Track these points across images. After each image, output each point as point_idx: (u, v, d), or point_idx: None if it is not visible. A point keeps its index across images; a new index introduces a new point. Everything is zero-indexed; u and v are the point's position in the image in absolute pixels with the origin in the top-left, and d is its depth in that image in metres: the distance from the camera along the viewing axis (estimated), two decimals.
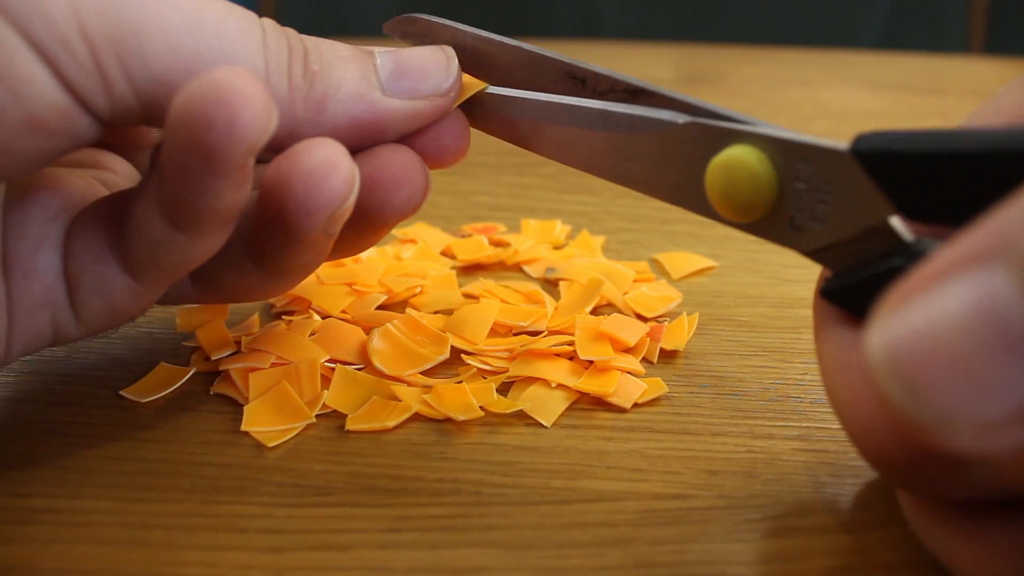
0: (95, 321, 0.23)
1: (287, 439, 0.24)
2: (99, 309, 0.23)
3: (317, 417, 0.25)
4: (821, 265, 0.21)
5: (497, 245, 0.36)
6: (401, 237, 0.36)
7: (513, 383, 0.27)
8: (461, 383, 0.26)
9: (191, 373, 0.27)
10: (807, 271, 0.27)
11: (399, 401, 0.25)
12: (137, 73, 0.20)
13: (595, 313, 0.30)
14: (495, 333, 0.29)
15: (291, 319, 0.29)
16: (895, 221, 0.19)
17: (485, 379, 0.27)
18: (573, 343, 0.28)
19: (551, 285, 0.33)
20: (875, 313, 0.14)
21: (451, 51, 0.25)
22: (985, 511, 0.18)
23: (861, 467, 0.23)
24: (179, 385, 0.27)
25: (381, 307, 0.30)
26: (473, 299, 0.31)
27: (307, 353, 0.27)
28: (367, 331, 0.28)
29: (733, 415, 0.26)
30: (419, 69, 0.24)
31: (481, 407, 0.25)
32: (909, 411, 0.14)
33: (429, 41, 0.26)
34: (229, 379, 0.26)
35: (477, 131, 0.26)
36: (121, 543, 0.21)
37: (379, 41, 0.27)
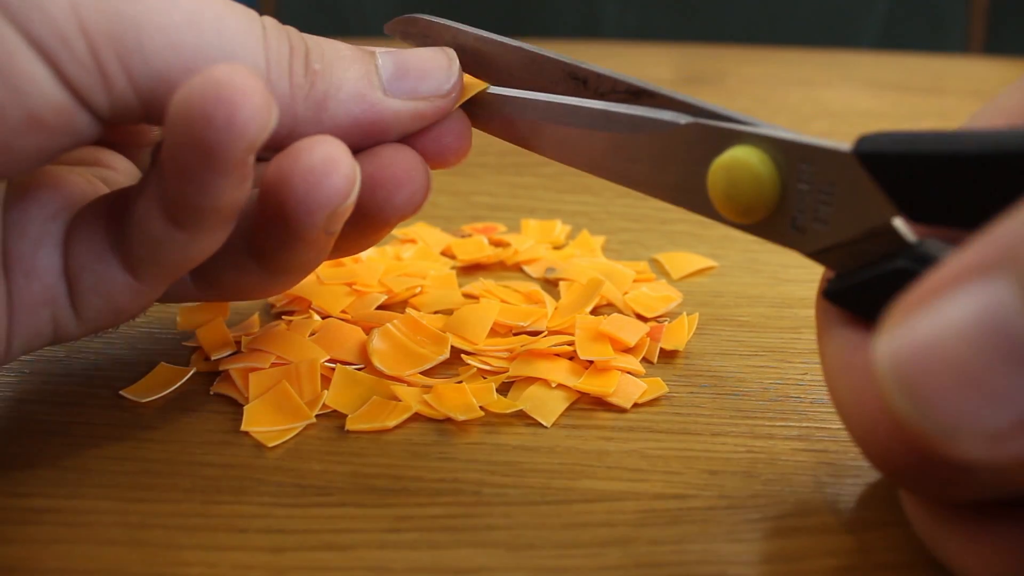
0: (96, 319, 0.23)
1: (287, 439, 0.24)
2: (100, 307, 0.23)
3: (317, 417, 0.25)
4: (823, 266, 0.21)
5: (497, 245, 0.36)
6: (401, 237, 0.36)
7: (513, 383, 0.27)
8: (461, 383, 0.26)
9: (191, 373, 0.27)
10: (807, 271, 0.27)
11: (399, 401, 0.25)
12: (137, 70, 0.20)
13: (595, 313, 0.30)
14: (495, 333, 0.29)
15: (291, 319, 0.29)
16: (898, 222, 0.19)
17: (485, 379, 0.27)
18: (573, 343, 0.28)
19: (551, 285, 0.33)
20: (882, 323, 0.15)
21: (452, 52, 0.25)
22: (986, 511, 0.18)
23: (861, 467, 0.23)
24: (179, 385, 0.27)
25: (381, 307, 0.30)
26: (473, 299, 0.31)
27: (307, 353, 0.27)
28: (367, 331, 0.28)
29: (733, 415, 0.26)
30: (420, 70, 0.24)
31: (481, 407, 0.25)
32: (915, 421, 0.14)
33: (430, 42, 0.26)
34: (229, 379, 0.26)
35: (477, 131, 0.25)
36: (121, 543, 0.21)
37: (379, 41, 0.27)
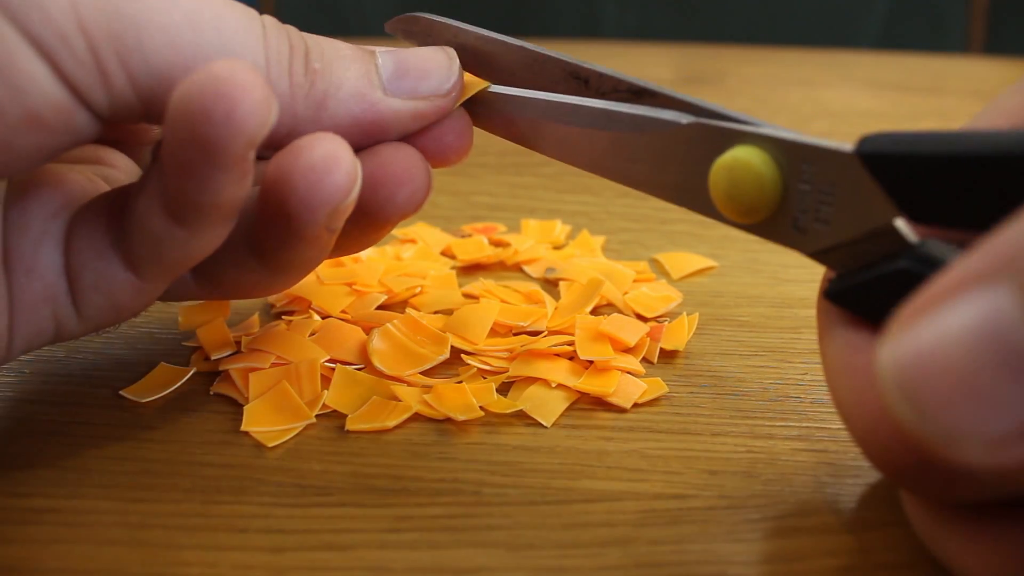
0: (97, 317, 0.23)
1: (287, 439, 0.24)
2: (101, 305, 0.23)
3: (317, 417, 0.25)
4: (824, 266, 0.21)
5: (497, 245, 0.36)
6: (401, 237, 0.36)
7: (513, 383, 0.27)
8: (461, 383, 0.26)
9: (191, 373, 0.27)
10: (807, 271, 0.27)
11: (399, 401, 0.25)
12: (136, 69, 0.20)
13: (595, 313, 0.30)
14: (495, 333, 0.29)
15: (291, 319, 0.29)
16: (899, 223, 0.19)
17: (485, 379, 0.27)
18: (573, 343, 0.28)
19: (551, 285, 0.33)
20: (885, 330, 0.15)
21: (452, 51, 0.24)
22: (987, 512, 0.18)
23: (861, 467, 0.23)
24: (179, 385, 0.27)
25: (381, 307, 0.30)
26: (473, 299, 0.31)
27: (307, 353, 0.27)
28: (367, 331, 0.28)
29: (733, 415, 0.26)
30: (420, 69, 0.23)
31: (481, 407, 0.25)
32: (916, 427, 0.14)
33: (431, 41, 0.26)
34: (229, 379, 0.26)
35: (478, 131, 0.25)
36: (121, 543, 0.21)
37: (379, 41, 0.27)
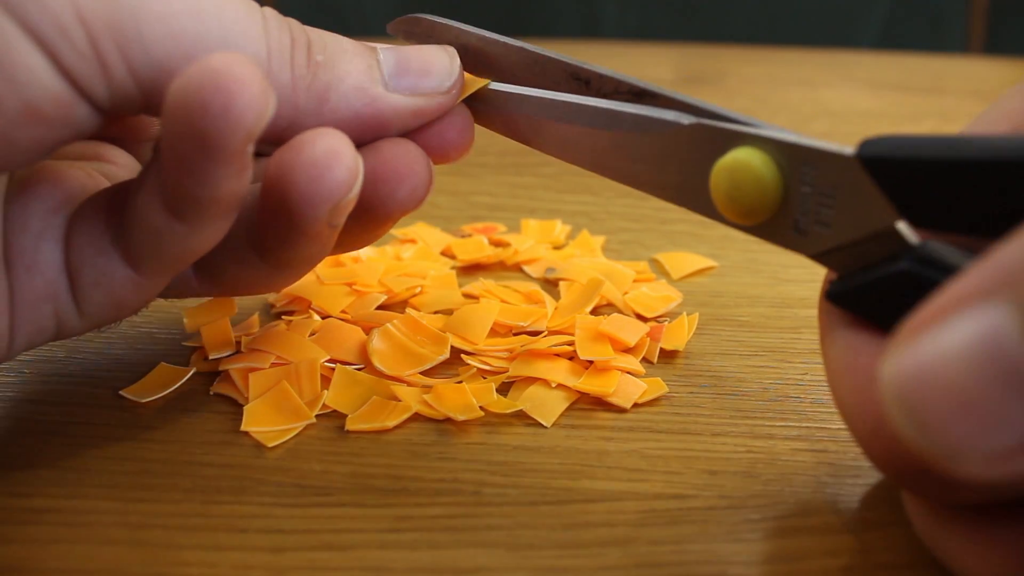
0: (98, 314, 0.23)
1: (287, 439, 0.24)
2: (101, 302, 0.23)
3: (317, 417, 0.25)
4: (825, 267, 0.21)
5: (497, 245, 0.36)
6: (401, 237, 0.36)
7: (513, 383, 0.27)
8: (461, 383, 0.26)
9: (191, 373, 0.27)
10: (807, 271, 0.27)
11: (399, 401, 0.25)
12: (137, 60, 0.20)
13: (595, 313, 0.30)
14: (495, 333, 0.29)
15: (291, 319, 0.29)
16: (901, 225, 0.19)
17: (485, 379, 0.27)
18: (573, 343, 0.28)
19: (551, 285, 0.33)
20: (888, 345, 0.15)
21: (453, 50, 0.24)
22: (987, 512, 0.18)
23: (861, 467, 0.23)
24: (179, 385, 0.27)
25: (381, 307, 0.30)
26: (473, 299, 0.31)
27: (307, 353, 0.27)
28: (367, 331, 0.28)
29: (733, 415, 0.26)
30: (422, 66, 0.23)
31: (481, 407, 0.25)
32: (916, 441, 0.14)
33: (433, 41, 0.26)
34: (229, 379, 0.26)
35: (479, 131, 0.25)
36: (121, 543, 0.21)
37: (380, 40, 0.27)
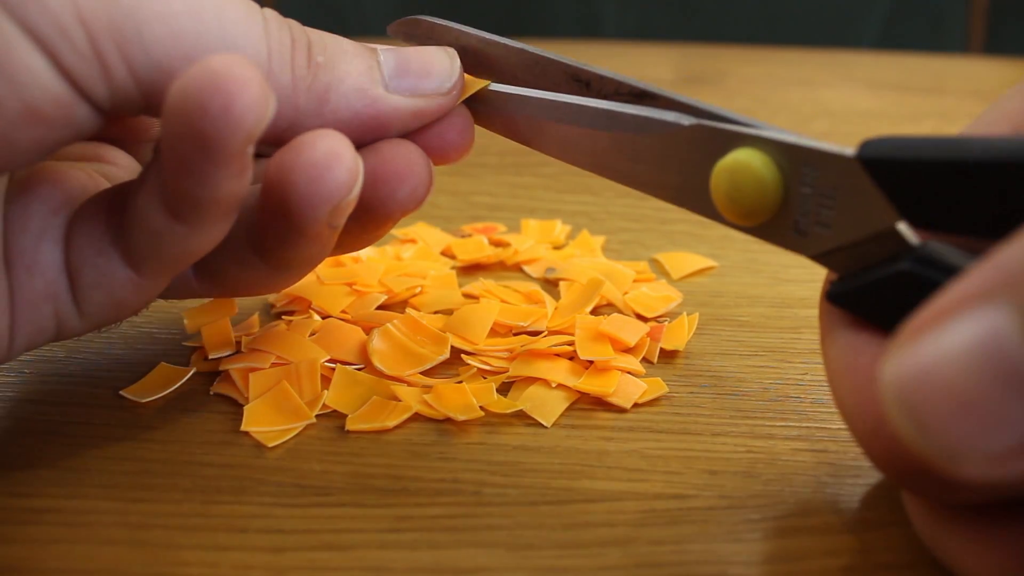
0: (98, 314, 0.23)
1: (287, 439, 0.24)
2: (101, 302, 0.23)
3: (317, 417, 0.25)
4: (826, 268, 0.21)
5: (497, 245, 0.36)
6: (401, 237, 0.36)
7: (513, 383, 0.27)
8: (461, 383, 0.26)
9: (191, 373, 0.27)
10: (807, 271, 0.27)
11: (399, 401, 0.25)
12: (137, 60, 0.20)
13: (595, 313, 0.30)
14: (495, 333, 0.29)
15: (291, 319, 0.29)
16: (901, 226, 0.19)
17: (485, 379, 0.27)
18: (573, 343, 0.28)
19: (551, 285, 0.33)
20: (889, 346, 0.15)
21: (453, 51, 0.25)
22: (987, 512, 0.18)
23: (861, 467, 0.23)
24: (179, 385, 0.27)
25: (381, 307, 0.30)
26: (473, 299, 0.31)
27: (307, 353, 0.27)
28: (367, 331, 0.28)
29: (733, 415, 0.26)
30: (422, 68, 0.24)
31: (481, 407, 0.25)
32: (917, 443, 0.14)
33: (433, 43, 0.26)
34: (229, 379, 0.26)
35: (479, 131, 0.25)
36: (121, 543, 0.21)
37: (379, 41, 0.27)
